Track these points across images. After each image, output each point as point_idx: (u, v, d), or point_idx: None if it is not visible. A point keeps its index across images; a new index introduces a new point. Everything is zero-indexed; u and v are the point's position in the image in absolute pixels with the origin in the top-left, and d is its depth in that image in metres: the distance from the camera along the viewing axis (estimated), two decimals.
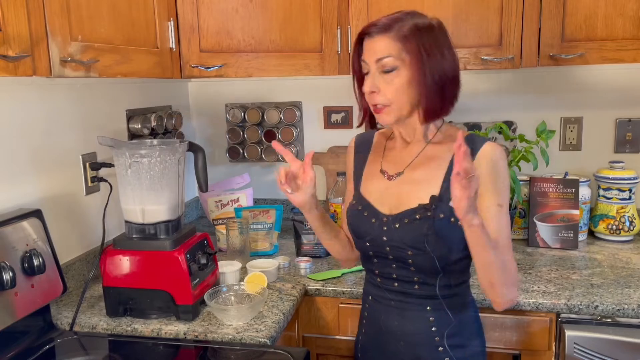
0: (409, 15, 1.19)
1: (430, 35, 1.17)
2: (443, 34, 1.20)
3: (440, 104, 1.20)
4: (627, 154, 2.12)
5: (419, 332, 1.25)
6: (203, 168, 1.59)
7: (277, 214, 1.98)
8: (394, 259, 1.24)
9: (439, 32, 1.19)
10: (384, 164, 1.31)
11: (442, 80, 1.18)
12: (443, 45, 1.18)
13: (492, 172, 1.17)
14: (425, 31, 1.17)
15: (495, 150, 1.18)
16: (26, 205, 1.47)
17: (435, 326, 1.24)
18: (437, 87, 1.18)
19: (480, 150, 1.18)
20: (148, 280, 1.42)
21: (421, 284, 1.24)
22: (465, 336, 1.27)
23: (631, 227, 1.96)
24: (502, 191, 1.18)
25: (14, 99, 1.47)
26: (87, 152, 1.72)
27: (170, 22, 1.67)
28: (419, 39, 1.16)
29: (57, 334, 1.39)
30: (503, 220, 1.17)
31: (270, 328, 1.38)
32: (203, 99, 2.43)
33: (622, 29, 1.68)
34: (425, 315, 1.25)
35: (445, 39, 1.20)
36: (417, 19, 1.19)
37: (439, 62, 1.17)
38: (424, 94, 1.18)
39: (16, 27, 1.07)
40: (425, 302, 1.25)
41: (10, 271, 1.22)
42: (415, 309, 1.25)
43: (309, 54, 1.83)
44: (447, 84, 1.19)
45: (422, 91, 1.18)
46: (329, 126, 2.33)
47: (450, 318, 1.25)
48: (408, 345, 1.27)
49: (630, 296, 1.50)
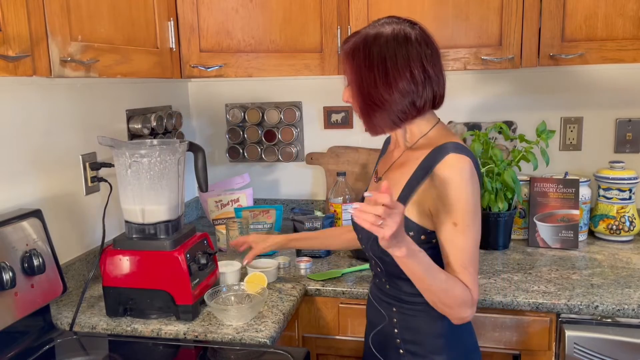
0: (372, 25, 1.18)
1: (366, 51, 1.13)
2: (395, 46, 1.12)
3: (374, 123, 1.19)
4: (627, 154, 2.11)
5: (385, 329, 1.29)
6: (203, 168, 1.59)
7: (277, 214, 1.98)
8: (372, 256, 1.28)
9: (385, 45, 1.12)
10: (379, 166, 1.37)
11: (366, 101, 1.16)
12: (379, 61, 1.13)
13: (444, 190, 1.11)
14: (364, 46, 1.14)
15: (452, 165, 1.11)
16: (26, 205, 1.47)
17: (398, 328, 1.26)
18: (360, 107, 1.19)
19: (437, 166, 1.13)
20: (148, 280, 1.41)
21: (391, 284, 1.27)
22: (426, 348, 1.23)
23: (631, 227, 1.96)
24: (457, 209, 1.11)
25: (14, 99, 1.46)
26: (87, 152, 1.72)
27: (170, 22, 1.67)
28: (353, 56, 1.16)
29: (57, 334, 1.39)
30: (457, 240, 1.12)
31: (270, 328, 1.38)
32: (203, 99, 2.43)
33: (622, 29, 1.68)
34: (391, 315, 1.27)
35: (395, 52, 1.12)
36: (371, 29, 1.16)
37: (367, 80, 1.14)
38: (358, 110, 1.20)
39: (16, 27, 1.07)
40: (393, 303, 1.27)
41: (10, 271, 1.22)
42: (385, 307, 1.29)
43: (309, 54, 1.83)
44: (370, 105, 1.16)
45: (358, 108, 1.20)
46: (329, 126, 2.33)
47: (413, 325, 1.24)
48: (378, 339, 1.32)
49: (631, 296, 1.50)
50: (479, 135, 1.91)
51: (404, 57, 1.13)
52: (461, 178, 1.11)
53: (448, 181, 1.11)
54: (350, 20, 1.80)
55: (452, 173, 1.11)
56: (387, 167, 1.30)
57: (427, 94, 1.16)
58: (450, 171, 1.11)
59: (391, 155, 1.32)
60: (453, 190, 1.11)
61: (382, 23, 1.17)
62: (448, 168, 1.12)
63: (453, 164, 1.12)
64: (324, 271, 1.75)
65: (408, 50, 1.13)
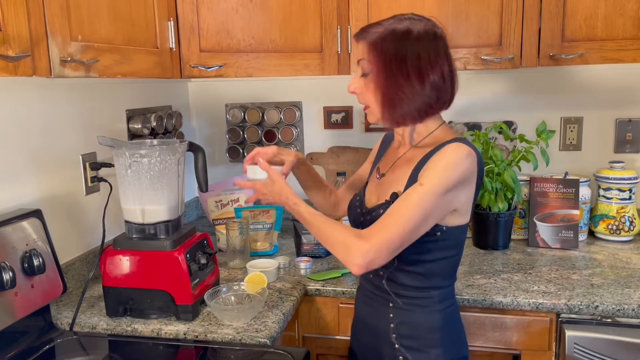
0: (397, 19, 1.18)
1: (397, 44, 1.15)
2: (422, 43, 1.15)
3: (396, 116, 1.20)
4: (627, 154, 2.12)
5: (380, 325, 1.30)
6: (203, 168, 1.59)
7: (277, 214, 1.98)
8: None
9: (414, 41, 1.15)
10: (380, 163, 1.38)
11: (395, 93, 1.16)
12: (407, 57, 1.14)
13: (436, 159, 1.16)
14: (394, 39, 1.15)
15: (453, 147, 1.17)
16: (26, 205, 1.47)
17: (394, 323, 1.27)
18: (388, 99, 1.18)
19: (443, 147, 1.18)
20: (148, 280, 1.41)
21: (387, 279, 1.27)
22: (422, 342, 1.25)
23: (631, 227, 1.96)
24: (432, 175, 1.14)
25: (14, 99, 1.46)
26: (87, 152, 1.72)
27: (170, 22, 1.67)
28: (382, 47, 1.16)
29: (57, 334, 1.39)
30: (411, 197, 1.13)
31: (270, 328, 1.38)
32: (203, 99, 2.43)
33: (622, 29, 1.68)
34: (387, 311, 1.28)
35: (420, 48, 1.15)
36: (398, 24, 1.17)
37: (394, 74, 1.15)
38: (381, 102, 1.19)
39: (16, 27, 1.07)
40: (389, 298, 1.28)
41: (10, 271, 1.22)
42: (380, 302, 1.30)
43: (309, 54, 1.83)
44: (400, 97, 1.17)
45: (380, 99, 1.19)
46: (329, 126, 2.33)
47: (410, 319, 1.26)
48: (371, 335, 1.32)
49: (630, 296, 1.50)
50: (479, 135, 1.91)
51: (436, 53, 1.17)
52: (452, 157, 1.16)
53: (442, 154, 1.17)
54: (350, 20, 1.80)
55: (446, 151, 1.17)
56: (390, 164, 1.32)
57: (450, 91, 1.21)
58: (445, 150, 1.17)
59: (395, 153, 1.33)
60: (440, 161, 1.16)
61: (409, 18, 1.18)
62: (448, 148, 1.17)
63: (449, 147, 1.17)
64: (324, 271, 1.75)
65: (438, 47, 1.17)
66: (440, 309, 1.26)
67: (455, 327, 1.30)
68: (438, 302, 1.25)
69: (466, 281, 1.62)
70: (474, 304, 1.53)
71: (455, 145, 1.17)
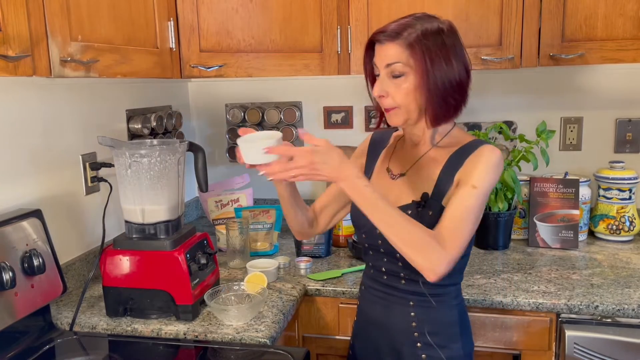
0: (418, 19, 1.19)
1: (437, 41, 1.17)
2: (452, 37, 1.19)
3: (445, 110, 1.21)
4: (627, 154, 2.11)
5: (400, 325, 1.29)
6: (203, 168, 1.59)
7: (277, 214, 1.97)
8: (385, 253, 1.28)
9: (447, 37, 1.18)
10: (391, 164, 1.35)
11: (446, 87, 1.18)
12: (450, 51, 1.17)
13: (476, 160, 1.19)
14: (432, 37, 1.17)
15: (490, 148, 1.21)
16: (26, 205, 1.47)
17: (416, 322, 1.27)
18: (441, 94, 1.18)
19: (475, 151, 1.21)
20: (148, 280, 1.41)
21: (407, 279, 1.27)
22: (444, 337, 1.27)
23: (631, 227, 1.96)
24: (481, 176, 1.17)
25: (14, 99, 1.46)
26: (87, 152, 1.72)
27: (170, 22, 1.67)
28: (425, 46, 1.16)
29: (57, 334, 1.39)
30: (468, 201, 1.15)
31: (270, 328, 1.38)
32: (203, 99, 2.43)
33: (622, 29, 1.68)
34: (407, 310, 1.28)
35: (454, 42, 1.19)
36: (426, 23, 1.18)
37: (443, 69, 1.17)
38: (429, 99, 1.19)
39: (16, 27, 1.07)
40: (409, 297, 1.27)
41: (10, 271, 1.22)
42: (399, 302, 1.29)
43: (309, 54, 1.83)
44: (451, 90, 1.19)
45: (427, 97, 1.18)
46: (329, 126, 2.33)
47: (432, 316, 1.26)
48: (389, 336, 1.31)
49: (630, 296, 1.50)
50: (479, 135, 1.92)
51: (462, 47, 1.21)
52: (493, 159, 1.19)
53: (482, 155, 1.20)
54: (350, 20, 1.80)
55: (488, 152, 1.20)
56: (409, 164, 1.29)
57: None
58: (487, 151, 1.20)
59: (412, 152, 1.31)
60: (484, 162, 1.18)
61: (430, 17, 1.21)
62: (485, 149, 1.21)
63: (487, 149, 1.21)
64: (324, 271, 1.75)
65: (462, 43, 1.22)
66: (456, 303, 1.29)
67: (467, 321, 1.33)
68: (454, 297, 1.28)
69: (466, 281, 1.62)
70: (474, 303, 1.53)
71: (491, 148, 1.21)
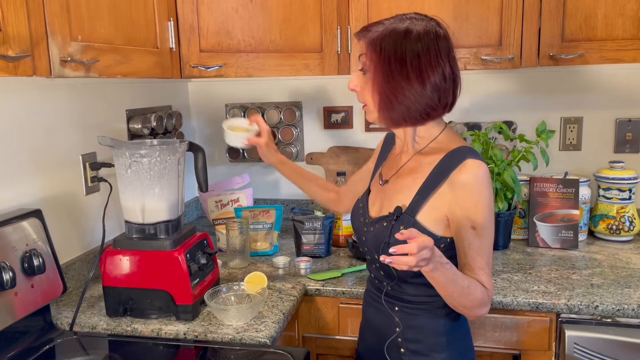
0: (398, 19, 1.16)
1: (397, 44, 1.12)
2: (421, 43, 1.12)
3: (398, 115, 1.17)
4: (627, 154, 2.11)
5: (386, 329, 1.29)
6: (203, 168, 1.59)
7: (277, 214, 1.98)
8: (371, 260, 1.30)
9: (414, 42, 1.12)
10: (383, 167, 1.35)
11: (395, 92, 1.14)
12: (407, 55, 1.12)
13: (463, 194, 1.13)
14: (393, 39, 1.13)
15: (472, 169, 1.13)
16: (26, 205, 1.47)
17: (400, 328, 1.26)
18: (387, 97, 1.15)
19: (455, 171, 1.14)
20: (148, 280, 1.41)
21: (393, 286, 1.27)
22: (427, 345, 1.24)
23: (631, 227, 1.96)
24: (475, 213, 1.13)
25: (14, 99, 1.46)
26: (87, 152, 1.72)
27: (170, 22, 1.67)
28: (380, 46, 1.13)
29: (57, 334, 1.39)
30: (475, 243, 1.14)
31: (270, 328, 1.38)
32: (203, 99, 2.43)
33: (622, 29, 1.68)
34: (393, 315, 1.27)
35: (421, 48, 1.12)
36: (399, 23, 1.15)
37: (395, 72, 1.12)
38: (378, 101, 1.17)
39: (16, 27, 1.07)
40: (395, 303, 1.27)
41: (10, 271, 1.22)
42: (387, 306, 1.29)
43: (309, 54, 1.83)
44: (401, 96, 1.14)
45: (376, 98, 1.17)
46: (329, 126, 2.33)
47: (416, 323, 1.25)
48: (379, 339, 1.31)
49: (630, 296, 1.50)
50: (479, 135, 1.92)
51: (437, 53, 1.13)
52: (480, 183, 1.14)
53: (467, 186, 1.13)
54: (350, 20, 1.80)
55: (472, 178, 1.13)
56: (393, 172, 1.29)
57: (453, 93, 1.18)
58: (470, 176, 1.13)
59: (398, 159, 1.30)
60: (472, 195, 1.13)
61: (410, 18, 1.16)
62: (467, 173, 1.13)
63: (472, 168, 1.14)
64: (324, 271, 1.75)
65: (440, 48, 1.14)
66: (445, 313, 1.23)
67: (461, 332, 1.28)
68: (443, 307, 1.22)
69: None
70: None
71: (474, 164, 1.14)
